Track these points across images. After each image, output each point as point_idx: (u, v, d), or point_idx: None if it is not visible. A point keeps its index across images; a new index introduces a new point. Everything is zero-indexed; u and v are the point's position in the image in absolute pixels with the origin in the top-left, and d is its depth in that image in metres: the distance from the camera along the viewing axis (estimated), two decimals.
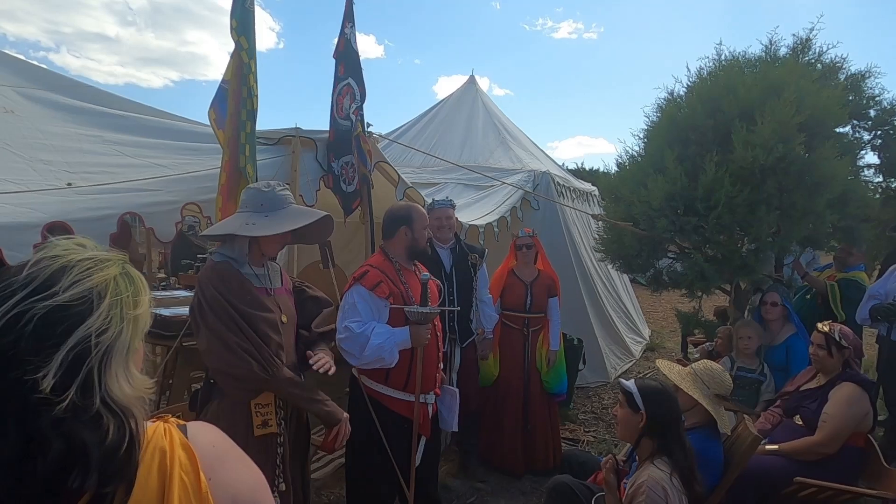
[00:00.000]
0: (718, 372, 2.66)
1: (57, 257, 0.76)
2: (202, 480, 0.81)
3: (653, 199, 3.86)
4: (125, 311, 0.77)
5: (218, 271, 2.00)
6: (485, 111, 7.47)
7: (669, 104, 4.43)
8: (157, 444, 0.80)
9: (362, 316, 2.60)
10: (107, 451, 0.71)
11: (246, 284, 2.02)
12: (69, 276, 0.74)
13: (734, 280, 4.25)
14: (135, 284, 0.81)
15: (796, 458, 2.97)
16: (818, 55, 4.77)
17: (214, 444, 0.89)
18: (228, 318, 1.93)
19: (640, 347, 7.18)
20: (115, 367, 0.75)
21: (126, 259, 0.84)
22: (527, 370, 4.02)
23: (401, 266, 2.79)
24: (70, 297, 0.73)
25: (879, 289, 3.96)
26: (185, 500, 0.78)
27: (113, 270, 0.79)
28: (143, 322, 0.81)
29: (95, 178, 2.58)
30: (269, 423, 2.06)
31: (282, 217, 2.06)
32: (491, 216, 5.05)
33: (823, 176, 3.52)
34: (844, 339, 3.10)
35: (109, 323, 0.75)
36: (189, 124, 3.57)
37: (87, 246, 0.81)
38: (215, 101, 2.84)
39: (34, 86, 3.08)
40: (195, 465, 0.81)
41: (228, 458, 0.90)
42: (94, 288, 0.75)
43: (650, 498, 2.04)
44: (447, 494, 3.63)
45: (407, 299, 2.68)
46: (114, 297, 0.76)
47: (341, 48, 3.53)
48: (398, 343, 2.60)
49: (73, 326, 0.72)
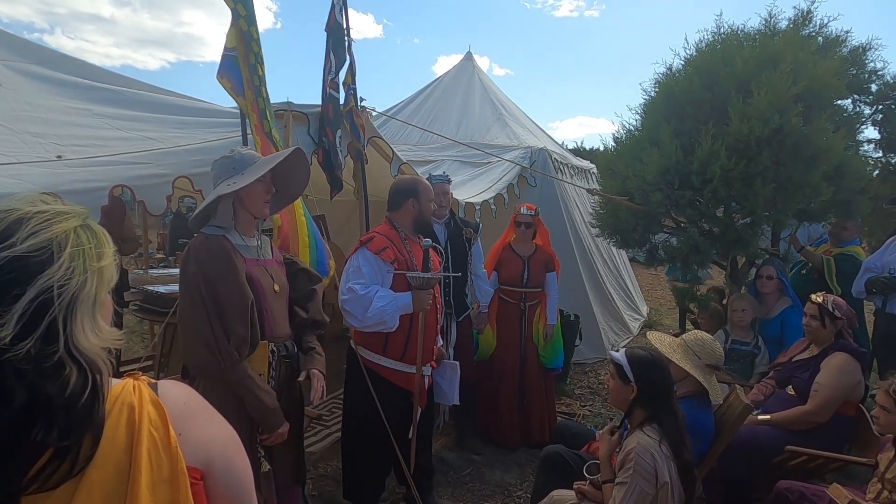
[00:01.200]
0: (709, 342, 2.67)
1: (12, 210, 0.76)
2: (171, 435, 0.81)
3: (647, 172, 3.85)
4: (88, 262, 0.77)
5: (207, 245, 1.96)
6: (481, 88, 7.41)
7: (667, 78, 4.39)
8: (126, 400, 0.80)
9: (367, 278, 2.63)
10: (68, 401, 0.71)
11: (232, 261, 1.97)
12: (26, 227, 0.74)
13: (730, 254, 4.25)
14: (97, 237, 0.81)
15: (788, 427, 3.00)
16: (819, 28, 4.71)
17: (185, 400, 0.89)
18: (198, 302, 1.89)
19: (638, 324, 7.21)
20: (82, 318, 0.75)
21: (87, 214, 0.83)
22: (523, 344, 4.04)
23: (406, 236, 2.83)
24: (28, 248, 0.72)
25: (875, 261, 3.95)
26: (154, 454, 0.78)
27: (73, 222, 0.78)
28: (108, 274, 0.81)
29: (86, 151, 2.57)
30: None
31: (255, 168, 2.04)
32: (488, 193, 5.04)
33: (819, 148, 3.50)
34: (838, 310, 3.11)
35: (72, 273, 0.74)
36: (180, 99, 3.55)
37: (48, 201, 0.81)
38: (223, 70, 2.79)
39: (23, 59, 3.05)
40: (164, 421, 0.81)
41: (200, 415, 0.90)
42: (53, 238, 0.75)
43: (639, 464, 2.06)
44: (443, 467, 3.67)
45: (411, 266, 2.72)
46: (75, 247, 0.76)
47: (332, 22, 3.49)
48: (400, 307, 2.62)
49: (32, 276, 0.71)
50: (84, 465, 0.73)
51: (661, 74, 4.55)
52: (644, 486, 2.04)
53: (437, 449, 3.74)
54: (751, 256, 4.30)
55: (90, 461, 0.74)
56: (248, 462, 0.96)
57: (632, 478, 2.06)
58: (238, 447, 0.95)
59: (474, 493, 3.47)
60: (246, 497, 0.94)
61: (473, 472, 3.69)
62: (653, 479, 2.04)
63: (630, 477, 2.06)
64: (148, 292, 4.18)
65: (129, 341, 6.04)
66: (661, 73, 4.55)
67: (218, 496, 0.89)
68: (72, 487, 0.73)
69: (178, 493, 0.79)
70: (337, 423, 3.58)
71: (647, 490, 2.04)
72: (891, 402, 2.32)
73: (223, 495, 0.90)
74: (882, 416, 2.38)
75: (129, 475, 0.76)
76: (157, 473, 0.78)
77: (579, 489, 2.34)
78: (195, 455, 0.85)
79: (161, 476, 0.78)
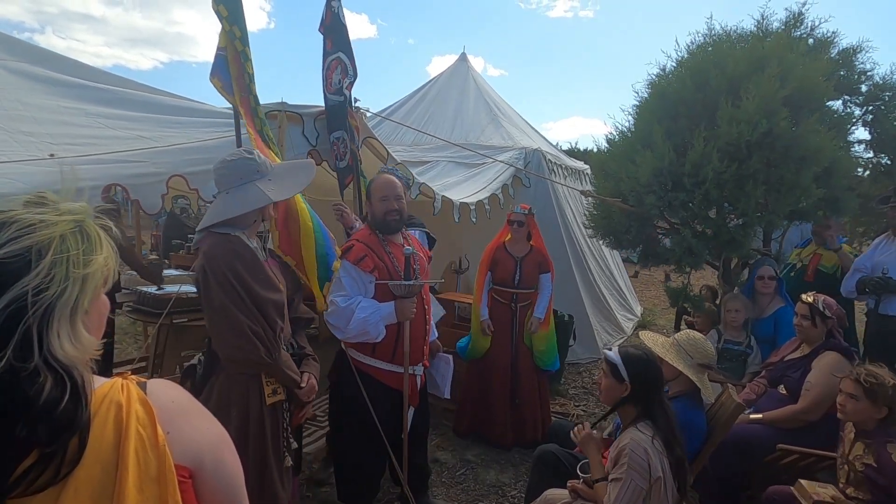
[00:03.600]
0: (700, 341, 2.69)
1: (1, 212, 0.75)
2: (159, 434, 0.81)
3: (641, 174, 3.86)
4: (71, 269, 0.75)
5: (232, 246, 1.95)
6: (476, 89, 7.42)
7: (660, 80, 4.41)
8: (113, 399, 0.80)
9: (347, 290, 2.61)
10: (45, 407, 0.70)
11: (259, 260, 2.00)
12: (6, 232, 0.72)
13: (722, 255, 4.28)
14: (89, 242, 0.79)
15: (780, 426, 3.03)
16: (810, 29, 4.74)
17: (174, 399, 0.89)
18: (239, 299, 1.90)
19: (631, 324, 7.24)
20: (58, 327, 0.73)
21: (87, 213, 0.81)
22: (514, 345, 4.05)
23: (386, 238, 2.78)
24: (4, 255, 0.71)
25: (865, 262, 3.96)
26: (142, 452, 0.78)
27: (61, 227, 0.76)
28: (94, 281, 0.79)
29: (79, 150, 2.56)
30: (277, 391, 2.11)
31: (279, 176, 2.06)
32: (482, 193, 5.05)
33: (809, 149, 3.52)
34: (828, 310, 3.14)
35: (50, 282, 0.72)
36: (173, 99, 3.54)
37: (48, 201, 0.79)
38: (215, 69, 2.81)
39: (13, 58, 3.03)
40: (152, 419, 0.81)
41: (189, 414, 0.90)
42: (33, 246, 0.73)
43: (632, 459, 2.08)
44: (437, 467, 3.68)
45: (392, 272, 2.68)
46: (57, 254, 0.74)
47: (328, 21, 3.50)
48: (383, 317, 2.62)
49: (6, 284, 0.70)
50: (70, 468, 0.72)
51: (653, 76, 4.58)
52: (638, 480, 2.05)
53: (431, 449, 3.74)
54: (744, 257, 4.33)
55: (77, 465, 0.73)
56: (238, 461, 0.96)
57: (626, 473, 2.07)
58: (228, 446, 0.94)
59: (468, 493, 3.47)
60: (236, 496, 0.94)
61: (468, 472, 3.70)
62: (646, 473, 2.06)
63: (625, 473, 2.08)
64: (141, 293, 4.16)
65: (123, 342, 6.00)
66: (653, 75, 4.58)
67: (208, 495, 0.89)
68: (59, 486, 0.73)
69: (166, 491, 0.79)
70: None
71: (641, 485, 2.05)
72: (860, 391, 2.37)
73: (213, 494, 0.89)
74: (848, 403, 2.43)
75: (117, 473, 0.76)
76: (144, 472, 0.78)
77: (573, 487, 2.35)
78: (184, 453, 0.84)
79: (149, 474, 0.78)
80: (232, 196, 2.00)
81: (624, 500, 2.06)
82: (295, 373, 2.13)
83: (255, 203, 1.98)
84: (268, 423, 2.06)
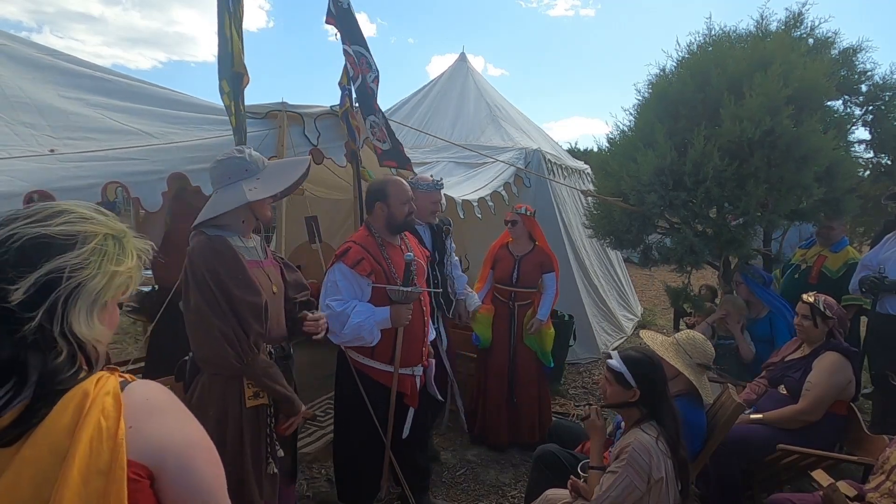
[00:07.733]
0: (700, 342, 2.69)
1: (59, 204, 0.89)
2: (121, 427, 0.80)
3: (642, 173, 3.86)
4: (105, 262, 0.86)
5: (214, 247, 1.94)
6: (476, 89, 7.42)
7: (661, 79, 4.41)
8: (82, 386, 0.81)
9: (343, 294, 2.60)
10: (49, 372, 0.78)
11: (240, 262, 1.98)
12: (64, 217, 0.86)
13: (723, 255, 4.28)
14: (123, 249, 0.90)
15: (780, 426, 3.02)
16: (810, 29, 4.74)
17: (149, 398, 0.88)
18: (214, 301, 1.89)
19: (631, 324, 7.23)
20: (80, 307, 0.83)
21: (124, 234, 0.92)
22: (513, 343, 4.03)
23: (384, 241, 2.76)
24: (58, 231, 0.83)
25: (872, 259, 3.91)
26: (96, 442, 0.77)
27: (103, 229, 0.89)
28: (119, 280, 0.89)
29: (79, 145, 2.54)
30: (259, 395, 2.06)
31: (270, 174, 2.04)
32: (484, 191, 5.05)
33: (810, 149, 3.52)
34: (829, 310, 3.13)
35: (87, 265, 0.84)
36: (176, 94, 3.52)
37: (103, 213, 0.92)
38: None
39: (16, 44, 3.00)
40: (118, 412, 0.81)
41: (162, 413, 0.88)
42: (81, 232, 0.85)
43: (633, 458, 2.07)
44: (437, 467, 3.67)
45: (389, 276, 2.67)
46: (98, 246, 0.86)
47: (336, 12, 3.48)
48: (378, 322, 2.60)
49: (52, 255, 0.81)
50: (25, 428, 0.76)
51: (654, 76, 4.58)
52: (635, 479, 2.05)
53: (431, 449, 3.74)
54: (744, 257, 4.32)
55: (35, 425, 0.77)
56: (217, 472, 0.92)
57: (624, 469, 2.07)
58: (203, 453, 0.90)
59: (468, 493, 3.47)
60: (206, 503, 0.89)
61: (468, 473, 3.69)
62: (645, 475, 2.05)
63: (623, 468, 2.07)
64: (142, 293, 4.15)
65: (122, 342, 5.99)
66: (654, 75, 4.58)
67: (170, 500, 0.85)
68: (4, 461, 0.74)
69: (112, 485, 0.77)
70: (331, 424, 3.57)
71: (636, 485, 2.05)
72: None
73: (175, 500, 0.85)
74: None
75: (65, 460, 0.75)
76: (94, 462, 0.77)
77: (574, 484, 2.34)
78: (142, 451, 0.82)
79: (97, 466, 0.77)
80: (219, 195, 2.01)
81: (615, 492, 2.05)
82: (281, 385, 2.05)
83: (233, 203, 1.97)
84: (246, 427, 2.00)
